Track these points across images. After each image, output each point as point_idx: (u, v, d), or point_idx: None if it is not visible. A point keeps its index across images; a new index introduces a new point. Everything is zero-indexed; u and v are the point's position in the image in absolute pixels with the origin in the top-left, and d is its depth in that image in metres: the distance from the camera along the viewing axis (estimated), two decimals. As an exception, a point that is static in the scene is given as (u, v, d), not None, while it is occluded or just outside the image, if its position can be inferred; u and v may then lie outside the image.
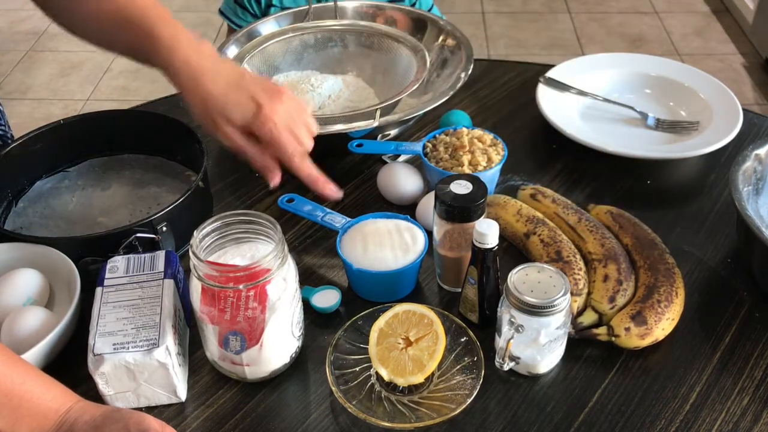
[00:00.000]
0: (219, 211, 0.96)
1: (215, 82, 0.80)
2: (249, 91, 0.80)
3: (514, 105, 1.16)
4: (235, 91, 0.80)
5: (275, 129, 0.79)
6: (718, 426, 0.72)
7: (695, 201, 0.98)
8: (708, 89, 1.12)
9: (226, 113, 0.79)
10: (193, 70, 0.80)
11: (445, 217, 0.80)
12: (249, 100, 0.79)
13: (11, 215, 0.95)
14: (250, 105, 0.79)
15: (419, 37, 1.13)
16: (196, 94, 0.80)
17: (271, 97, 0.80)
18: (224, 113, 0.79)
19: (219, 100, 0.79)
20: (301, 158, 0.81)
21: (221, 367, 0.76)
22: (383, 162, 1.03)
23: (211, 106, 0.80)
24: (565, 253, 0.83)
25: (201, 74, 0.80)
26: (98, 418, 0.64)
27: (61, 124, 0.99)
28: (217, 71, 0.81)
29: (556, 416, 0.73)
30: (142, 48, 0.83)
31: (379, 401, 0.73)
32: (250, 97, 0.79)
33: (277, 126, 0.79)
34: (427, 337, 0.74)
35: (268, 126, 0.79)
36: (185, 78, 0.81)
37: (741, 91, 2.64)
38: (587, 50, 2.91)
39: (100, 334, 0.72)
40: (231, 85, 0.80)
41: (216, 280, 0.69)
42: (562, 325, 0.72)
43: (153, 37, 0.81)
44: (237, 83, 0.80)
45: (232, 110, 0.79)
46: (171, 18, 0.84)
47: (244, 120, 0.79)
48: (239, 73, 0.83)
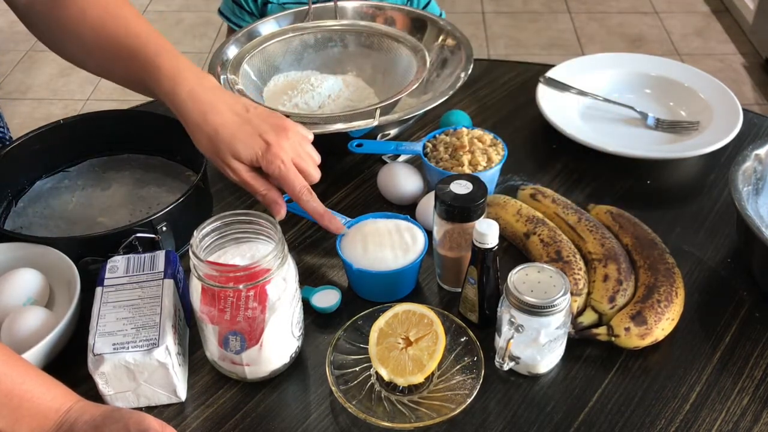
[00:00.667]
0: (219, 211, 0.96)
1: (222, 117, 0.80)
2: (256, 128, 0.80)
3: (514, 105, 1.16)
4: (242, 128, 0.80)
5: (283, 166, 0.80)
6: (718, 426, 0.72)
7: (695, 201, 0.98)
8: (708, 89, 1.12)
9: (233, 151, 0.80)
10: (200, 104, 0.81)
11: (445, 217, 0.80)
12: (257, 138, 0.80)
13: (11, 215, 0.95)
14: (259, 143, 0.80)
15: (419, 37, 1.13)
16: (202, 130, 0.81)
17: (278, 133, 0.80)
18: (232, 151, 0.80)
19: (226, 138, 0.80)
20: (308, 194, 0.82)
21: (221, 367, 0.76)
22: (383, 162, 1.03)
23: (218, 142, 0.80)
24: (565, 253, 0.83)
25: (208, 109, 0.80)
26: (98, 417, 0.64)
27: (61, 124, 0.99)
28: (223, 105, 0.81)
29: (556, 416, 0.73)
30: (143, 79, 0.83)
31: (379, 401, 0.73)
32: (257, 135, 0.80)
33: (285, 163, 0.80)
34: (427, 337, 0.74)
35: (276, 164, 0.80)
36: (191, 112, 0.81)
37: (741, 91, 2.64)
38: (587, 50, 2.91)
39: (100, 334, 0.72)
40: (238, 121, 0.80)
41: (216, 280, 0.69)
42: (562, 325, 0.72)
43: (154, 68, 0.81)
44: (243, 119, 0.81)
45: (241, 149, 0.80)
46: (172, 48, 0.84)
47: (252, 158, 0.80)
48: (244, 107, 0.83)
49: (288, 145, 0.81)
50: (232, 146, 0.80)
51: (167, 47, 0.84)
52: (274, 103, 1.06)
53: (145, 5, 3.28)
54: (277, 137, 0.80)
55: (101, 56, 0.86)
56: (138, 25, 0.85)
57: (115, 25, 0.84)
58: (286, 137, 0.81)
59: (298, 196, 0.82)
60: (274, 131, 0.81)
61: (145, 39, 0.84)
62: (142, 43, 0.83)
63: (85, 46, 0.86)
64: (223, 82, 1.04)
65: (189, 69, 0.83)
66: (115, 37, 0.84)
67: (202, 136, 0.81)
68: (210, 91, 0.82)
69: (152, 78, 0.82)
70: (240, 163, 0.81)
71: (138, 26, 0.85)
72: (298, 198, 0.82)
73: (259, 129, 0.80)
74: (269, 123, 0.81)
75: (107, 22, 0.84)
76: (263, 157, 0.80)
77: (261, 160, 0.80)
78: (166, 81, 0.81)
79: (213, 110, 0.81)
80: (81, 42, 0.86)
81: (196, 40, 3.03)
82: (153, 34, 0.85)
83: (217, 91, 0.83)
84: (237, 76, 1.05)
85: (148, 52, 0.82)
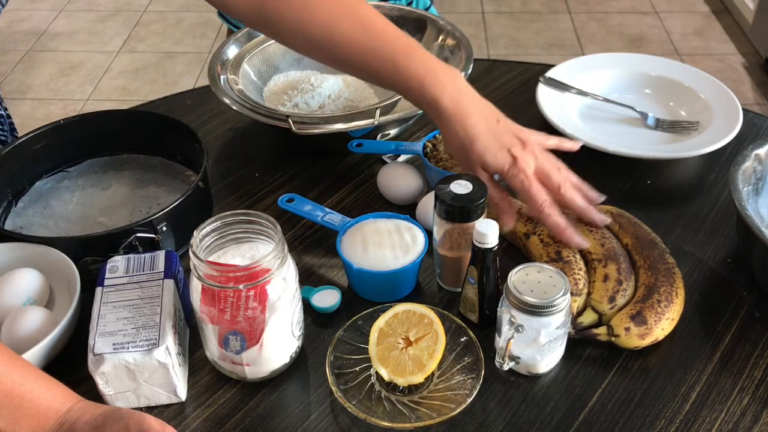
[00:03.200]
0: (219, 211, 0.96)
1: (477, 128, 0.82)
2: (505, 142, 0.82)
3: (514, 105, 1.15)
4: (493, 141, 0.82)
5: (527, 181, 0.82)
6: (718, 426, 0.72)
7: (695, 201, 0.98)
8: (708, 89, 1.12)
9: (483, 162, 0.83)
10: (461, 114, 0.82)
11: (445, 217, 0.80)
12: (504, 152, 0.82)
13: (11, 215, 0.95)
14: (506, 157, 0.82)
15: (419, 37, 1.13)
16: (459, 138, 0.83)
17: (523, 147, 0.82)
18: (482, 161, 0.83)
19: (479, 150, 0.82)
20: (551, 208, 0.83)
21: (221, 367, 0.76)
22: (383, 162, 1.03)
23: (470, 152, 0.83)
24: (565, 253, 0.83)
25: (466, 117, 0.82)
26: (98, 417, 0.64)
27: (61, 124, 0.99)
28: (479, 116, 0.83)
29: (556, 416, 0.73)
30: (392, 82, 0.84)
31: (379, 401, 0.73)
32: (505, 149, 0.82)
33: (529, 177, 0.82)
34: (427, 337, 0.74)
35: (520, 177, 0.82)
36: (451, 119, 0.82)
37: (741, 91, 2.64)
38: (587, 50, 2.91)
39: (100, 334, 0.72)
40: (490, 135, 0.82)
41: (216, 280, 0.69)
42: (562, 325, 0.72)
43: (401, 75, 0.83)
44: (495, 133, 0.83)
45: (490, 161, 0.82)
46: (418, 48, 0.84)
47: (499, 170, 0.83)
48: (496, 118, 0.84)
49: (531, 160, 0.82)
50: (482, 158, 0.82)
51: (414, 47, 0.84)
52: (274, 103, 1.06)
53: (145, 5, 3.28)
54: (523, 151, 0.82)
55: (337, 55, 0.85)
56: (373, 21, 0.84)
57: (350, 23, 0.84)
58: (531, 151, 0.83)
59: (539, 209, 0.83)
60: (520, 145, 0.83)
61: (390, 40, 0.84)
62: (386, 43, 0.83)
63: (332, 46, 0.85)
64: (223, 82, 1.04)
65: (441, 70, 0.83)
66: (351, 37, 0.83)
67: (456, 143, 0.83)
68: (466, 95, 0.83)
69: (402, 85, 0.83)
70: (484, 172, 0.83)
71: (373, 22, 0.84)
72: (540, 211, 0.83)
73: (507, 143, 0.82)
74: (516, 136, 0.83)
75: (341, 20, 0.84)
76: (509, 171, 0.82)
77: (506, 173, 0.82)
78: (421, 88, 0.82)
79: (471, 120, 0.82)
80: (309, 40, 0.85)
81: (196, 40, 3.03)
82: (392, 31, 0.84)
83: (472, 97, 0.84)
84: (237, 76, 1.05)
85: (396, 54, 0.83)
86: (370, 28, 0.84)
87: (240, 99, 1.00)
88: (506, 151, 0.82)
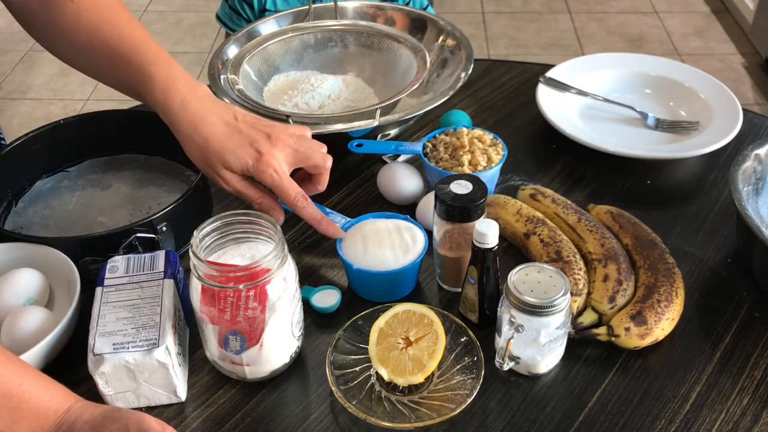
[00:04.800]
0: (219, 211, 0.96)
1: (212, 127, 0.79)
2: (247, 138, 0.79)
3: (514, 105, 1.16)
4: (232, 138, 0.79)
5: (276, 175, 0.79)
6: (718, 426, 0.72)
7: (695, 201, 0.98)
8: (708, 89, 1.12)
9: (224, 162, 0.79)
10: (190, 115, 0.80)
11: (445, 217, 0.80)
12: (248, 148, 0.79)
13: (11, 215, 0.95)
14: (250, 152, 0.79)
15: (419, 37, 1.13)
16: (193, 141, 0.80)
17: (269, 141, 0.79)
18: (223, 161, 0.79)
19: (216, 149, 0.79)
20: (303, 201, 0.81)
21: (221, 367, 0.76)
22: (383, 162, 1.03)
23: (209, 154, 0.79)
24: (565, 253, 0.83)
25: (198, 119, 0.80)
26: (98, 417, 0.64)
27: (60, 124, 0.99)
28: (213, 116, 0.80)
29: (556, 416, 0.73)
30: (136, 86, 0.83)
31: (379, 401, 0.73)
32: (248, 144, 0.79)
33: (278, 172, 0.79)
34: (427, 337, 0.74)
35: (268, 173, 0.79)
36: (182, 122, 0.80)
37: (741, 91, 2.64)
38: (587, 50, 2.91)
39: (100, 334, 0.72)
40: (227, 131, 0.80)
41: (216, 280, 0.69)
42: (562, 325, 0.72)
43: (146, 77, 0.81)
44: (234, 129, 0.80)
45: (231, 159, 0.79)
46: (166, 56, 0.83)
47: (243, 168, 0.79)
48: (234, 116, 0.82)
49: (280, 153, 0.80)
50: (222, 157, 0.79)
51: (162, 56, 0.83)
52: (274, 103, 1.06)
53: (145, 5, 3.28)
54: (270, 146, 0.79)
55: (94, 60, 0.85)
56: (132, 32, 0.84)
57: (110, 30, 0.84)
58: (277, 144, 0.80)
59: (293, 204, 0.81)
60: (266, 139, 0.80)
61: (139, 46, 0.83)
62: (136, 50, 0.82)
63: (78, 49, 0.86)
64: (223, 82, 1.04)
65: (182, 79, 0.82)
66: (108, 43, 0.83)
67: (193, 147, 0.80)
68: (201, 101, 0.81)
69: (145, 87, 0.82)
70: (232, 174, 0.80)
71: (132, 32, 0.84)
72: (294, 206, 0.81)
73: (249, 138, 0.79)
74: (260, 131, 0.80)
75: (102, 27, 0.84)
76: (254, 167, 0.79)
77: (252, 170, 0.79)
78: (159, 92, 0.81)
79: (203, 121, 0.80)
80: (74, 44, 0.86)
81: (196, 40, 3.03)
82: (147, 41, 0.84)
83: (209, 101, 0.82)
84: (237, 76, 1.05)
85: (142, 61, 0.82)
86: (126, 35, 0.83)
87: (240, 99, 1.00)
88: (249, 146, 0.79)
